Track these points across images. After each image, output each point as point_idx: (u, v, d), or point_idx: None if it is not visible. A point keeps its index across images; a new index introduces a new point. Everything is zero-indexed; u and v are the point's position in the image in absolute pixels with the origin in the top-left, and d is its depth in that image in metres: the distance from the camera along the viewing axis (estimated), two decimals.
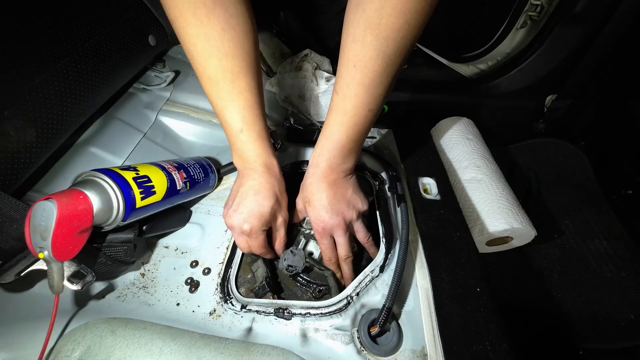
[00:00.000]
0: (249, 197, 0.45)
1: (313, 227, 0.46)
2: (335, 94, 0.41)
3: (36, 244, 0.34)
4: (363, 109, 0.40)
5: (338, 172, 0.45)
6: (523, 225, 0.58)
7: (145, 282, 0.48)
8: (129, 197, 0.40)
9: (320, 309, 0.43)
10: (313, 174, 0.45)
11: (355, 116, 0.41)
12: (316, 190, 0.45)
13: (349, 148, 0.43)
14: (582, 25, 0.73)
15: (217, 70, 0.41)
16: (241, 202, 0.45)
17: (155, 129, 0.68)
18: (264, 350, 0.38)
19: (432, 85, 0.91)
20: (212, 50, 0.40)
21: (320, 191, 0.45)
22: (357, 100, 0.39)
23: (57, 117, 0.47)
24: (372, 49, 0.35)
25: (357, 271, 0.47)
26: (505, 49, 0.83)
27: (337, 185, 0.45)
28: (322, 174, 0.44)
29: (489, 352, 0.38)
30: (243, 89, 0.43)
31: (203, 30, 0.39)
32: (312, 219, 0.46)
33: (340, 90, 0.40)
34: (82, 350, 0.37)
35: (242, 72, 0.42)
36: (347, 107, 0.40)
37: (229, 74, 0.42)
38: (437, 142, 0.74)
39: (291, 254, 0.47)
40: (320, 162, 0.44)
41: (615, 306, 0.70)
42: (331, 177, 0.45)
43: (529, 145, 0.99)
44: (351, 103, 0.40)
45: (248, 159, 0.46)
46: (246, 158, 0.46)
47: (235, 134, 0.45)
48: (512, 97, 0.85)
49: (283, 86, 0.73)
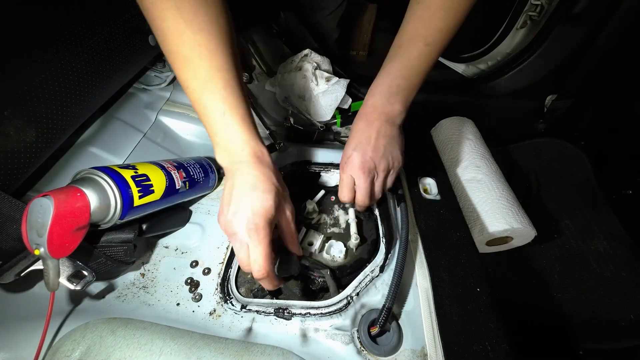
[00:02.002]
0: (246, 195, 0.38)
1: (354, 165, 0.45)
2: (396, 38, 0.42)
3: (32, 241, 0.34)
4: (419, 42, 0.40)
5: (380, 112, 0.44)
6: (523, 225, 0.58)
7: (145, 282, 0.48)
8: (127, 196, 0.40)
9: (320, 309, 0.43)
10: (358, 114, 0.46)
11: (410, 49, 0.41)
12: (356, 125, 0.45)
13: (398, 84, 0.43)
14: (582, 25, 0.73)
15: (192, 47, 0.37)
16: (239, 202, 0.38)
17: (155, 129, 0.68)
18: (264, 350, 0.38)
19: (432, 85, 0.91)
20: (185, 26, 0.36)
21: (360, 127, 0.45)
22: (414, 31, 0.40)
23: (57, 117, 0.47)
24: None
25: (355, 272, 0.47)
26: (505, 49, 0.83)
27: (380, 127, 0.45)
28: (364, 113, 0.45)
29: (489, 352, 0.38)
30: (221, 67, 0.38)
31: (174, 3, 0.35)
32: (354, 156, 0.45)
33: (399, 29, 0.41)
34: (82, 350, 0.37)
35: (219, 49, 0.38)
36: (402, 40, 0.41)
37: (205, 50, 0.37)
38: (437, 142, 0.74)
39: (285, 259, 0.44)
40: (366, 101, 0.44)
41: (615, 306, 0.70)
42: (372, 117, 0.45)
43: (529, 145, 0.99)
44: (407, 35, 0.40)
45: (235, 149, 0.39)
46: (232, 148, 0.39)
47: (216, 119, 0.39)
48: (512, 97, 0.85)
49: (283, 86, 0.73)
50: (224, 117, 0.38)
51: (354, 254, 0.50)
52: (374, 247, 0.51)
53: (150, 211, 0.45)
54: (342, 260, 0.49)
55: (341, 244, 0.49)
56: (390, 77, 0.44)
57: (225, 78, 0.38)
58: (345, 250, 0.49)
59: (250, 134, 0.40)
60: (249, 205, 0.38)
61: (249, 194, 0.38)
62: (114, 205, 0.39)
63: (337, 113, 0.70)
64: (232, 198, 0.38)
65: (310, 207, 0.53)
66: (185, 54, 0.37)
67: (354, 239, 0.49)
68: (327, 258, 0.49)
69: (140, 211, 0.43)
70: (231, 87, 0.39)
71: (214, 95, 0.38)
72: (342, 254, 0.48)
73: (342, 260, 0.49)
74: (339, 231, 0.53)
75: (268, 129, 0.69)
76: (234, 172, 0.39)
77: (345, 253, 0.49)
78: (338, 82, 0.68)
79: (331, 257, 0.49)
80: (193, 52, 0.37)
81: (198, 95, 0.38)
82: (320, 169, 0.64)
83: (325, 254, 0.49)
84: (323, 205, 0.56)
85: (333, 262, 0.49)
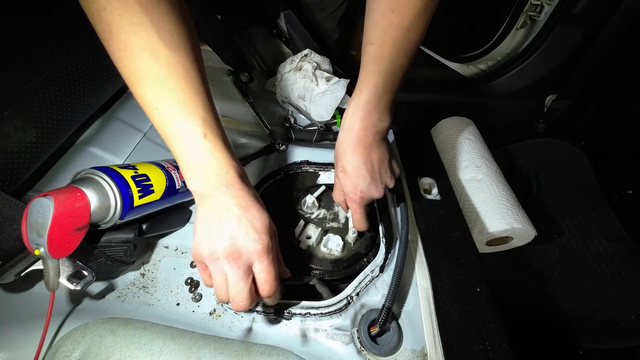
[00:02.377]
0: (243, 216, 0.35)
1: (349, 196, 0.44)
2: (369, 45, 0.40)
3: (32, 241, 0.34)
4: (400, 55, 0.39)
5: (374, 133, 0.42)
6: (523, 225, 0.58)
7: (145, 282, 0.48)
8: (127, 196, 0.40)
9: (320, 309, 0.43)
10: (346, 139, 0.42)
11: (393, 63, 0.39)
12: (351, 157, 0.41)
13: (386, 100, 0.41)
14: (582, 25, 0.73)
15: (167, 66, 0.34)
16: (240, 224, 0.35)
17: (155, 129, 0.68)
18: (264, 350, 0.38)
19: (432, 85, 0.91)
20: (161, 43, 0.33)
21: (356, 158, 0.41)
22: (395, 45, 0.39)
23: (57, 117, 0.47)
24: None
25: (355, 273, 0.47)
26: (505, 49, 0.84)
27: (374, 150, 0.42)
28: (357, 137, 0.41)
29: (489, 352, 0.38)
30: (199, 90, 0.36)
31: (150, 19, 0.32)
32: (349, 188, 0.43)
33: (376, 39, 0.39)
34: (82, 350, 0.37)
35: (194, 70, 0.36)
36: (384, 53, 0.39)
37: (182, 70, 0.34)
38: (437, 142, 0.74)
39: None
40: (354, 122, 0.41)
41: (615, 306, 0.70)
42: (367, 141, 0.41)
43: (529, 145, 0.99)
44: (388, 49, 0.39)
45: (217, 172, 0.36)
46: (213, 172, 0.36)
47: (194, 142, 0.35)
48: (512, 97, 0.85)
49: (283, 86, 0.73)
50: (205, 140, 0.35)
51: (351, 248, 0.50)
52: (372, 242, 0.52)
53: (150, 211, 0.45)
54: (339, 254, 0.49)
55: (339, 237, 0.50)
56: (378, 94, 0.41)
57: (204, 100, 0.36)
58: (342, 244, 0.49)
59: (233, 155, 0.38)
60: (251, 225, 0.35)
61: (245, 215, 0.36)
62: (114, 205, 0.39)
63: (337, 113, 0.70)
64: (216, 221, 0.35)
65: (310, 201, 0.54)
66: (157, 73, 0.34)
67: (352, 232, 0.50)
68: (325, 251, 0.50)
69: (140, 211, 0.43)
70: (210, 109, 0.37)
71: (193, 117, 0.35)
72: (339, 248, 0.49)
73: (339, 253, 0.49)
74: (338, 226, 0.54)
75: (268, 129, 0.69)
76: (214, 196, 0.36)
77: (343, 247, 0.49)
78: (338, 82, 0.68)
79: (328, 250, 0.50)
80: (168, 71, 0.34)
81: (168, 116, 0.35)
82: (320, 168, 0.64)
83: (323, 247, 0.50)
84: (324, 201, 0.57)
85: (330, 255, 0.49)
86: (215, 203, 0.36)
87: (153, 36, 0.33)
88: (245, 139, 0.71)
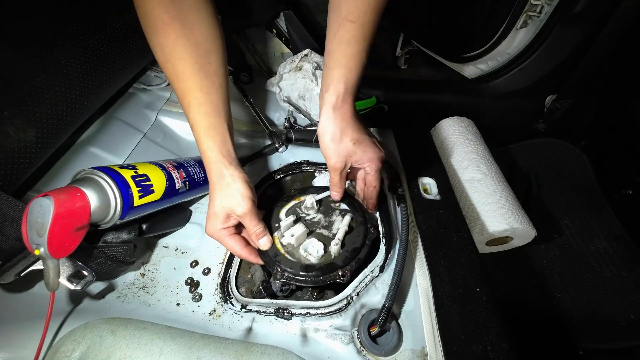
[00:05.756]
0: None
1: (372, 166, 0.45)
2: (349, 23, 0.41)
3: (32, 241, 0.34)
4: (374, 34, 0.42)
5: (353, 106, 0.44)
6: (523, 225, 0.58)
7: (145, 282, 0.48)
8: (127, 196, 0.40)
9: (320, 309, 0.43)
10: (343, 114, 0.43)
11: (370, 45, 0.42)
12: (357, 129, 0.44)
13: (349, 78, 0.42)
14: (582, 25, 0.73)
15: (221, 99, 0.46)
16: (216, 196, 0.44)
17: (155, 129, 0.68)
18: (264, 350, 0.38)
19: (432, 85, 0.91)
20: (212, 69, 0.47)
21: (361, 129, 0.44)
22: (374, 25, 0.41)
23: (57, 117, 0.47)
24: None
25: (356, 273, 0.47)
26: (505, 49, 0.83)
27: (361, 121, 0.45)
28: (350, 110, 0.43)
29: (489, 352, 0.38)
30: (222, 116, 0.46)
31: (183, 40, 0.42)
32: (371, 158, 0.45)
33: (356, 17, 0.40)
34: (82, 350, 0.37)
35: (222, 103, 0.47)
36: (365, 34, 0.41)
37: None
38: (437, 142, 0.74)
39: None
40: (339, 90, 0.42)
41: (615, 306, 0.70)
42: (355, 114, 0.44)
43: (529, 145, 0.99)
44: (369, 30, 0.41)
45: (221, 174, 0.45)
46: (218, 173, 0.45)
47: (209, 159, 0.45)
48: (512, 97, 0.85)
49: (283, 86, 0.73)
50: (218, 154, 0.46)
51: (330, 259, 0.45)
52: (353, 255, 0.45)
53: (150, 211, 0.45)
54: (315, 260, 0.44)
55: (321, 244, 0.45)
56: (359, 75, 0.43)
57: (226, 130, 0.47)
58: (322, 253, 0.45)
59: (232, 156, 0.46)
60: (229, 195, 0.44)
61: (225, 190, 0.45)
62: (114, 205, 0.39)
63: None
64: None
65: (309, 202, 0.50)
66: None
67: (334, 243, 0.45)
68: (301, 254, 0.45)
69: (140, 211, 0.43)
70: (228, 131, 0.47)
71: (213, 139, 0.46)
72: (318, 254, 0.44)
73: (315, 260, 0.44)
74: (328, 234, 0.49)
75: (268, 129, 0.69)
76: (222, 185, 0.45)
77: (322, 256, 0.45)
78: None
79: (306, 253, 0.45)
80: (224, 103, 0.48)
81: (197, 133, 0.46)
82: (320, 168, 0.64)
83: (302, 249, 0.46)
84: (324, 207, 0.54)
85: (305, 260, 0.45)
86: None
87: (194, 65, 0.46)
88: (245, 139, 0.71)
